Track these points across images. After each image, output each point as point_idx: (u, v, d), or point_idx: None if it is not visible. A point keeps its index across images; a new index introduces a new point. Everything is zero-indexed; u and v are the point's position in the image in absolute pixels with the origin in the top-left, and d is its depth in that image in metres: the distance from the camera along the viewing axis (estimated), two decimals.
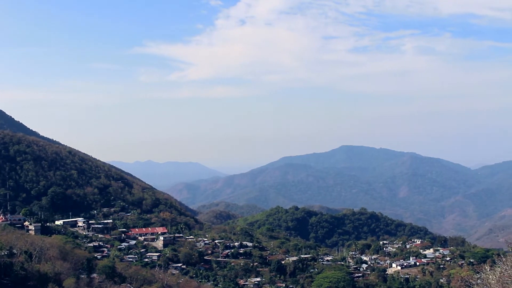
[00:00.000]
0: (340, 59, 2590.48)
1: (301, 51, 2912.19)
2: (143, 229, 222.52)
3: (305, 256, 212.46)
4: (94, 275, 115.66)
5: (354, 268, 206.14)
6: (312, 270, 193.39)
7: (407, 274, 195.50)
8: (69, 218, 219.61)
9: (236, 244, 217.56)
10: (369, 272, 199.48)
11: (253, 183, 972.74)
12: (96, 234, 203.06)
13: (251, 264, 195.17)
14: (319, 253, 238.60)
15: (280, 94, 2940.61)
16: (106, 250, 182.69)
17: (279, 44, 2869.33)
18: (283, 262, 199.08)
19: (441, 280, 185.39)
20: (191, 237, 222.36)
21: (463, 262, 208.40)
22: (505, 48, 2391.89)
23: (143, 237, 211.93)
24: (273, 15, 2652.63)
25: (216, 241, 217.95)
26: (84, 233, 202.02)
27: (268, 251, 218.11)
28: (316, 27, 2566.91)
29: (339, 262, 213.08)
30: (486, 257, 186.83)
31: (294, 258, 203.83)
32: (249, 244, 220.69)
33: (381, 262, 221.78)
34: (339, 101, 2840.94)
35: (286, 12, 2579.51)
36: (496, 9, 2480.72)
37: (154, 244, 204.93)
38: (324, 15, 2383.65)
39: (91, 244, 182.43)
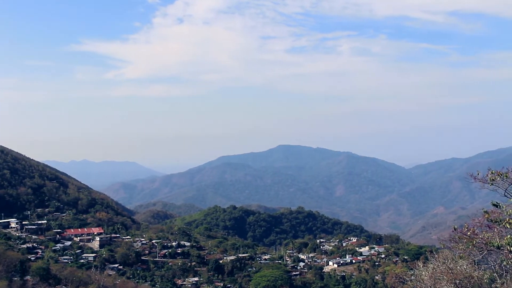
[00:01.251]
0: (278, 59, 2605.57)
1: (239, 51, 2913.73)
2: (79, 229, 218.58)
3: (243, 255, 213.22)
4: (28, 277, 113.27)
5: (291, 266, 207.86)
6: (250, 269, 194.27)
7: (344, 271, 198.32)
8: (1, 219, 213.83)
9: (173, 244, 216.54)
10: (306, 270, 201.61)
11: (191, 183, 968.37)
12: (30, 235, 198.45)
13: (189, 263, 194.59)
14: (257, 252, 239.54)
15: (218, 93, 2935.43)
16: (40, 251, 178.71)
17: (217, 43, 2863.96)
18: (221, 261, 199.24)
19: (377, 277, 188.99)
20: (128, 237, 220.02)
21: (397, 259, 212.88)
22: (438, 50, 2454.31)
23: (78, 238, 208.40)
24: (211, 14, 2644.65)
25: (154, 241, 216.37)
26: (17, 234, 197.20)
27: (206, 251, 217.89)
28: (254, 26, 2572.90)
29: (277, 261, 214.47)
30: (419, 253, 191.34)
31: (232, 257, 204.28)
32: (187, 243, 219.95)
33: (318, 260, 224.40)
34: (277, 100, 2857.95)
35: (224, 12, 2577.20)
36: (430, 12, 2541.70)
37: (90, 244, 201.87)
38: (262, 15, 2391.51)
39: (24, 246, 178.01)
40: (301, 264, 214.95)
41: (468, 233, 26.67)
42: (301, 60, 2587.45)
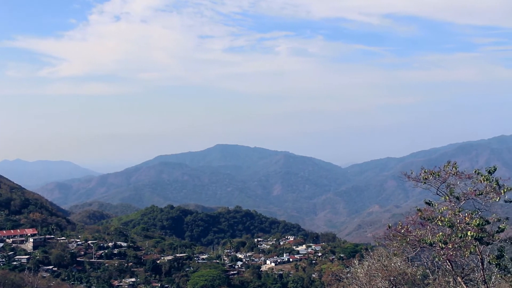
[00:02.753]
0: (216, 58, 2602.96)
1: (177, 49, 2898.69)
2: (11, 231, 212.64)
3: (181, 255, 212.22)
4: None
5: (229, 265, 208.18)
6: (187, 269, 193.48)
7: (281, 270, 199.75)
8: None
9: (110, 244, 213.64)
10: (244, 270, 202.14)
11: (128, 182, 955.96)
12: None
13: (126, 264, 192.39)
14: (195, 251, 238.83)
15: (156, 92, 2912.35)
16: None
17: (154, 41, 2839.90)
18: (158, 261, 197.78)
19: (313, 275, 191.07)
20: (63, 238, 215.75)
21: (333, 257, 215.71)
22: (373, 51, 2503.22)
23: (11, 239, 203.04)
24: (148, 12, 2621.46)
25: (90, 241, 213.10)
26: None
27: (143, 251, 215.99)
28: (192, 25, 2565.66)
29: (215, 260, 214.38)
30: (355, 251, 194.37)
31: (170, 257, 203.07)
32: (124, 244, 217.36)
33: (256, 259, 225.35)
34: (215, 100, 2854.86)
35: (162, 10, 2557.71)
36: (365, 15, 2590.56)
37: (23, 246, 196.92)
38: (200, 14, 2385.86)
39: None
40: (239, 263, 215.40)
41: (402, 231, 27.30)
42: (239, 60, 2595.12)
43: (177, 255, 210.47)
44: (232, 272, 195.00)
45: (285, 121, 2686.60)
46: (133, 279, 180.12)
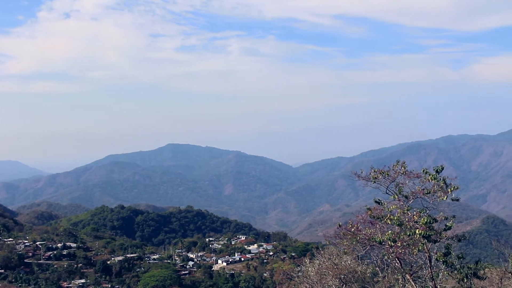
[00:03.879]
0: (168, 57, 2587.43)
1: (128, 48, 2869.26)
2: None
3: (131, 255, 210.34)
4: None
5: (180, 265, 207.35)
6: (138, 270, 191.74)
7: (233, 269, 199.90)
8: None
9: (59, 245, 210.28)
10: (195, 269, 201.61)
11: (77, 182, 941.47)
12: None
13: (75, 265, 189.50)
14: (146, 252, 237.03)
15: (106, 90, 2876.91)
16: None
17: (105, 40, 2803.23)
18: (108, 262, 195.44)
19: (265, 274, 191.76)
20: (10, 239, 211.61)
21: (285, 256, 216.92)
22: (324, 52, 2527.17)
23: None
24: (99, 9, 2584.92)
25: (38, 242, 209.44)
26: None
27: (93, 252, 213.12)
28: (144, 24, 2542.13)
29: (166, 260, 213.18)
30: (306, 250, 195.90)
31: (120, 258, 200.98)
32: (73, 245, 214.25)
33: (207, 259, 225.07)
34: (166, 99, 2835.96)
35: (112, 8, 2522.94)
36: (316, 15, 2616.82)
37: None
38: (152, 12, 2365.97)
39: None
40: (190, 263, 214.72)
41: (352, 230, 27.60)
42: (191, 59, 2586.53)
43: (128, 255, 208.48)
44: (183, 272, 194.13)
45: (237, 120, 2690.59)
46: (83, 281, 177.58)
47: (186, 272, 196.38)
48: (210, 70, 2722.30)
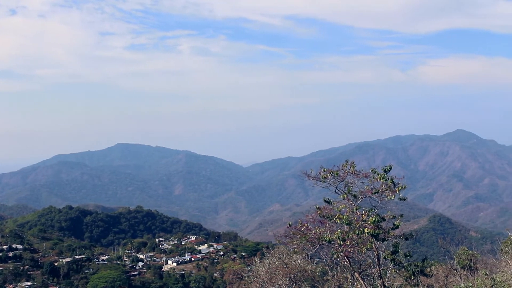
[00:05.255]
0: (117, 56, 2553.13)
1: (76, 46, 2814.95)
2: None
3: (80, 256, 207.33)
4: None
5: (130, 266, 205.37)
6: (87, 271, 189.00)
7: (183, 270, 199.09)
8: None
9: (4, 247, 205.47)
10: (145, 270, 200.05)
11: (24, 182, 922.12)
12: None
13: (22, 267, 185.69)
14: (95, 253, 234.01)
15: (54, 89, 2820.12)
16: None
17: (53, 37, 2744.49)
18: (56, 263, 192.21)
19: (215, 274, 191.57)
20: None
21: (235, 256, 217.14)
22: (275, 52, 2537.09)
23: None
24: (46, 6, 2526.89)
25: None
26: None
27: (40, 253, 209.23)
28: (92, 22, 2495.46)
29: (115, 261, 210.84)
30: (256, 250, 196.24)
31: (68, 259, 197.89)
32: (19, 246, 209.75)
33: (157, 260, 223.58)
34: (116, 98, 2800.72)
35: (60, 5, 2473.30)
36: (267, 15, 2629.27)
37: None
38: (101, 10, 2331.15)
39: None
40: (140, 263, 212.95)
41: (302, 229, 27.79)
42: (141, 58, 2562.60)
43: (76, 256, 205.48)
44: (133, 273, 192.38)
45: (188, 120, 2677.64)
46: (29, 283, 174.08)
47: (135, 273, 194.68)
48: (161, 69, 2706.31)
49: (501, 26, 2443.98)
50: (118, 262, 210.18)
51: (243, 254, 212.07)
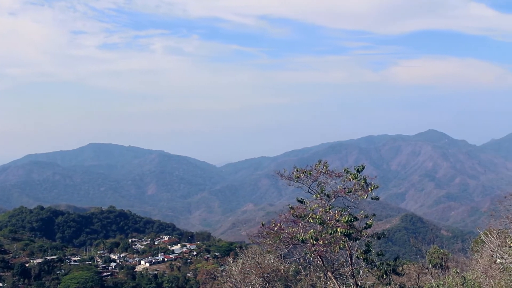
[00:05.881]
0: (90, 55, 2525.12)
1: (48, 45, 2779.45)
2: None
3: (51, 257, 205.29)
4: None
5: (102, 267, 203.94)
6: (58, 272, 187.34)
7: (156, 270, 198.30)
8: None
9: None
10: (118, 271, 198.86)
11: None
12: None
13: None
14: (66, 253, 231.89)
15: (25, 88, 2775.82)
16: None
17: (24, 35, 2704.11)
18: (27, 265, 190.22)
19: (188, 274, 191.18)
20: None
21: (208, 255, 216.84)
22: (248, 52, 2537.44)
23: None
24: (17, 4, 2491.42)
25: None
26: None
27: (11, 254, 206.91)
28: (64, 20, 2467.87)
29: (87, 262, 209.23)
30: (229, 250, 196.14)
31: (39, 260, 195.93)
32: None
33: (130, 260, 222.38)
34: (88, 97, 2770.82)
35: (32, 3, 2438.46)
36: (241, 15, 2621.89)
37: None
38: (73, 8, 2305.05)
39: None
40: (113, 264, 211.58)
41: (275, 229, 27.84)
42: (113, 57, 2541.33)
43: (48, 257, 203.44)
44: (105, 274, 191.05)
45: (161, 120, 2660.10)
46: (0, 284, 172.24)
47: (108, 273, 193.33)
48: (133, 68, 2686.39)
49: (472, 27, 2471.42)
50: (90, 262, 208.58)
51: (217, 254, 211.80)
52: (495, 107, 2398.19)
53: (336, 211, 27.18)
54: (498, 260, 24.32)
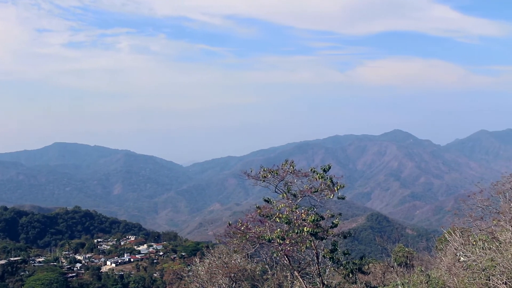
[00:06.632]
0: (55, 53, 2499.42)
1: (12, 43, 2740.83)
2: None
3: (15, 258, 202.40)
4: None
5: (67, 268, 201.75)
6: (22, 273, 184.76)
7: (122, 270, 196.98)
8: None
9: None
10: (83, 271, 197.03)
11: None
12: None
13: None
14: (31, 254, 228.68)
15: None
16: None
17: None
18: None
19: (155, 275, 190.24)
20: None
21: (175, 256, 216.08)
22: (215, 52, 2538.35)
23: None
24: None
25: None
26: None
27: None
28: (29, 18, 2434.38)
29: (52, 263, 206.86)
30: (196, 249, 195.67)
31: (3, 262, 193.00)
32: None
33: (96, 260, 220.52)
34: (54, 96, 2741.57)
35: None
36: (208, 15, 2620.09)
37: None
38: (37, 6, 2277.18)
39: None
40: (78, 265, 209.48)
41: (242, 228, 27.85)
42: (79, 56, 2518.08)
43: (11, 259, 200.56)
44: (70, 275, 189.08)
45: (127, 119, 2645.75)
46: None
47: (73, 274, 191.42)
48: (99, 67, 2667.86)
49: (436, 29, 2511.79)
50: (55, 263, 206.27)
51: (183, 254, 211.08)
52: (459, 107, 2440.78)
53: (303, 211, 27.28)
54: (462, 258, 24.67)
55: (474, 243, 25.35)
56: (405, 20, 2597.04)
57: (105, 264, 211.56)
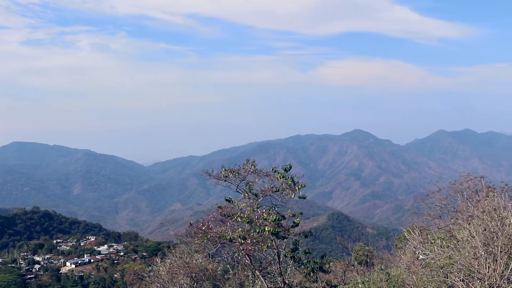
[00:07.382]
0: (13, 51, 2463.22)
1: None
2: None
3: None
4: None
5: (26, 269, 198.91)
6: None
7: (82, 271, 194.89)
8: None
9: None
10: (42, 273, 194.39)
11: None
12: None
13: None
14: None
15: None
16: None
17: None
18: None
19: (115, 275, 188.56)
20: None
21: (136, 256, 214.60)
22: (177, 51, 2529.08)
23: None
24: None
25: None
26: None
27: None
28: None
29: (10, 265, 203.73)
30: (157, 250, 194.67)
31: None
32: None
33: (55, 262, 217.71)
34: (12, 95, 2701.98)
35: None
36: (169, 14, 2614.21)
37: None
38: None
39: None
40: (37, 266, 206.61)
41: (203, 228, 27.80)
42: (38, 54, 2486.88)
43: None
44: (29, 276, 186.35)
45: (87, 118, 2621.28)
46: None
47: (32, 276, 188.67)
48: (59, 65, 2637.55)
49: (396, 30, 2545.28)
50: (13, 265, 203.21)
51: (144, 254, 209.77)
52: (419, 107, 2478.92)
53: (264, 210, 27.36)
54: (420, 256, 25.03)
55: (433, 241, 25.75)
56: (366, 21, 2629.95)
57: (65, 265, 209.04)
